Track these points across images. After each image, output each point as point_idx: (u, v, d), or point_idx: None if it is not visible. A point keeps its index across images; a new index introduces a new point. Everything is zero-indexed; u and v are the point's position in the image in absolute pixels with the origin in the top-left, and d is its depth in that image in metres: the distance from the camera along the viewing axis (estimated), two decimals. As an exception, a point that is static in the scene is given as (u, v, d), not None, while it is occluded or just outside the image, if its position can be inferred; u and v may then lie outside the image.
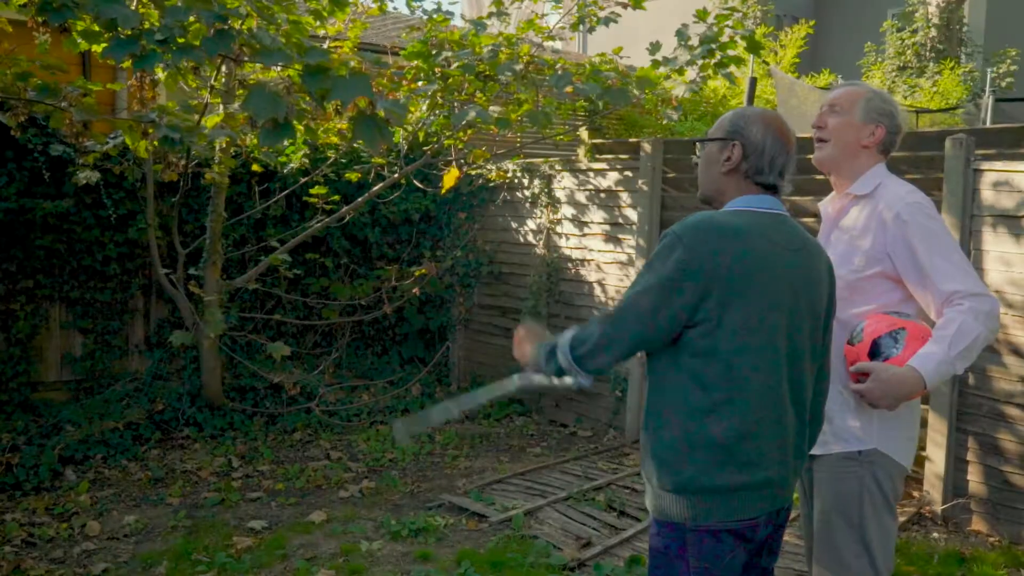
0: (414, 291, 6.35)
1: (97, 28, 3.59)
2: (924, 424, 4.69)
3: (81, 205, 5.98)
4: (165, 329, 6.42)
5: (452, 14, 5.42)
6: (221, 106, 5.34)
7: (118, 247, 6.20)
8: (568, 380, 2.07)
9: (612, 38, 8.09)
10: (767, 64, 9.26)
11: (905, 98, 11.69)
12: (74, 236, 6.03)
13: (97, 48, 4.13)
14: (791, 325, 2.00)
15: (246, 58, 3.63)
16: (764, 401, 1.96)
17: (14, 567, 3.93)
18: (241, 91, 4.87)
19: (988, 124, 8.93)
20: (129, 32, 2.89)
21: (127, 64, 3.07)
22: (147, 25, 3.30)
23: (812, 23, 11.75)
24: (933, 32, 12.85)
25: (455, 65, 5.00)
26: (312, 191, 6.20)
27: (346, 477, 5.29)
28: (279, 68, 4.10)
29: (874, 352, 2.27)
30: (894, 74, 12.63)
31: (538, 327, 2.24)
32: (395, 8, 6.63)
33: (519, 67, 5.06)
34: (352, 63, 5.14)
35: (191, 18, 3.12)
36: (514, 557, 4.05)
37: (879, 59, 13.25)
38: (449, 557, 4.12)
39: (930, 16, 12.97)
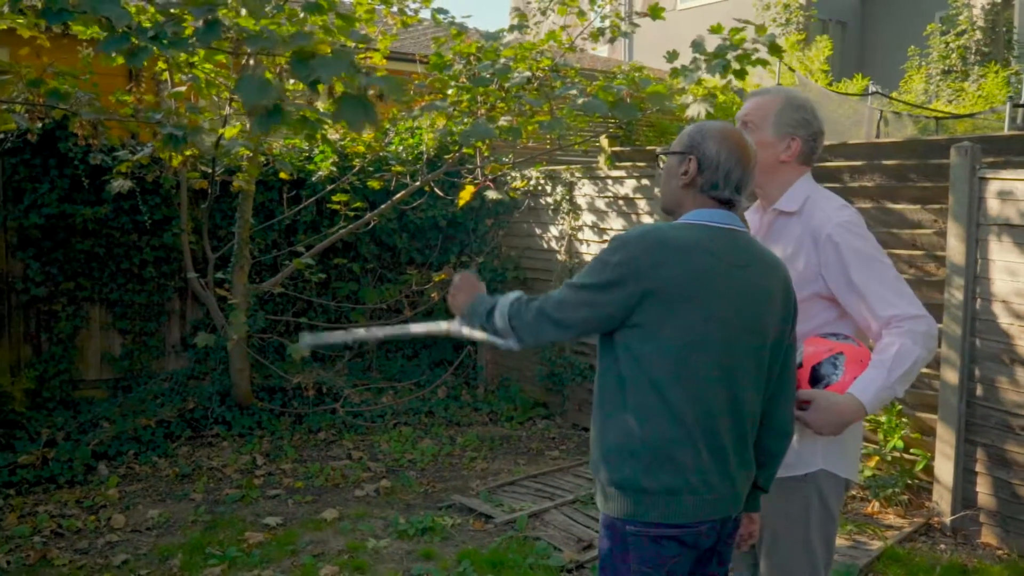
0: (434, 296, 6.48)
1: (97, 28, 3.78)
2: (932, 434, 4.67)
3: (119, 211, 6.26)
4: (201, 330, 6.66)
5: (466, 27, 5.54)
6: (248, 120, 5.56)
7: (154, 251, 6.47)
8: (498, 341, 2.19)
9: (658, 44, 8.13)
10: (792, 71, 9.23)
11: (950, 102, 11.50)
12: (112, 240, 6.32)
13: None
14: (729, 339, 2.05)
15: (238, 51, 3.76)
16: (697, 410, 2.02)
17: (41, 556, 4.17)
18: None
19: (1007, 131, 8.76)
20: (122, 30, 3.05)
21: (119, 60, 3.25)
22: (145, 23, 3.47)
23: (830, 43, 11.63)
24: (978, 35, 12.60)
25: (466, 77, 5.12)
26: (335, 198, 6.40)
27: (364, 476, 5.45)
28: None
29: (814, 378, 2.27)
30: (938, 78, 12.42)
31: (475, 278, 2.34)
32: (422, 20, 6.76)
33: (527, 74, 5.14)
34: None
35: (184, 14, 3.28)
36: (514, 558, 4.16)
37: (923, 63, 13.04)
38: (451, 556, 4.24)
39: (975, 19, 12.72)
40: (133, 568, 4.09)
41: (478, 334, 2.24)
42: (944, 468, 4.59)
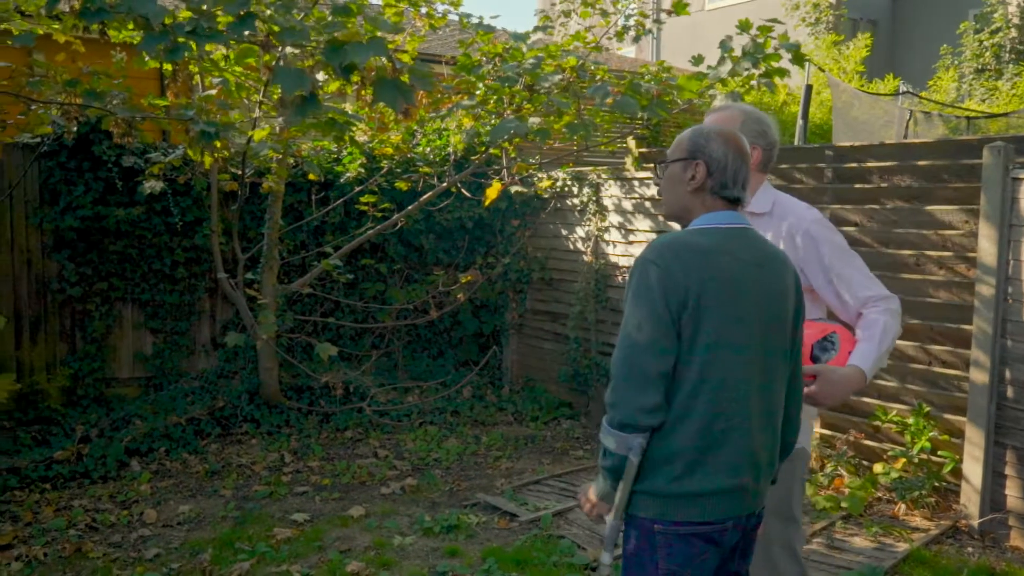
0: (459, 297, 6.52)
1: (132, 27, 3.87)
2: (960, 436, 4.63)
3: (151, 212, 6.37)
4: (230, 330, 6.76)
5: (493, 27, 5.56)
6: (279, 121, 5.63)
7: (185, 252, 6.58)
8: (631, 458, 2.02)
9: (685, 44, 8.11)
10: (823, 71, 9.16)
11: (983, 101, 11.35)
12: (145, 241, 6.43)
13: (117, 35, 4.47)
14: (760, 337, 2.08)
15: (273, 44, 3.83)
16: (733, 411, 2.03)
17: (76, 549, 4.26)
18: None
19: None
20: (159, 27, 3.13)
21: (152, 63, 3.32)
22: (180, 18, 3.54)
23: (869, 37, 11.51)
24: (1013, 33, 12.42)
25: (494, 78, 5.15)
26: (362, 199, 6.47)
27: (390, 474, 5.50)
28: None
29: (812, 357, 2.47)
30: (971, 77, 12.25)
31: (586, 486, 2.23)
32: (449, 22, 6.81)
33: (558, 77, 5.16)
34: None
35: (217, 11, 3.35)
36: (538, 556, 4.18)
37: (955, 62, 12.86)
38: (476, 554, 4.28)
39: (1010, 16, 12.54)
40: (165, 561, 4.17)
41: (621, 493, 2.08)
42: (973, 470, 4.55)
